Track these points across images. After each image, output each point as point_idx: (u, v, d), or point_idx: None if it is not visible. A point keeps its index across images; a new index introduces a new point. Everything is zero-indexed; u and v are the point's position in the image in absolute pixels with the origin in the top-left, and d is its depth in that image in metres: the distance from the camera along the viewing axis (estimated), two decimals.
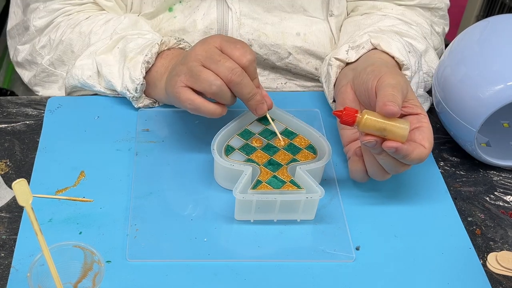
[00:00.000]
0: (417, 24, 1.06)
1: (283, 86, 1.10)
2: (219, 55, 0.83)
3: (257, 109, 0.85)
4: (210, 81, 0.82)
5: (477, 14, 2.35)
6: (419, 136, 0.80)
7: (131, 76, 0.94)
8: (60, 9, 1.05)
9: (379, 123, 0.77)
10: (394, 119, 0.77)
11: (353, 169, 0.85)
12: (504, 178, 0.93)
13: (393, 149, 0.77)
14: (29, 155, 0.91)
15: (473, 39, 0.92)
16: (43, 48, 1.06)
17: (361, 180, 0.85)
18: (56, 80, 1.06)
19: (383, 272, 0.78)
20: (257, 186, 0.81)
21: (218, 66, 0.82)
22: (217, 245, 0.80)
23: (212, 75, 0.82)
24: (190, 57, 0.84)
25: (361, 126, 0.77)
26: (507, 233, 0.85)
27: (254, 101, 0.84)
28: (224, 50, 0.83)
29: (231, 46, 0.83)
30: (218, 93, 0.83)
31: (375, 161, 0.81)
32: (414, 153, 0.78)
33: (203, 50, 0.83)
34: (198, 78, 0.83)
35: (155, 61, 0.95)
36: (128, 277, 0.76)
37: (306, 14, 1.07)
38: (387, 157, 0.79)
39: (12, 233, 0.80)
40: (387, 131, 0.76)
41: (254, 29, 1.04)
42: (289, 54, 1.07)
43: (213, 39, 0.85)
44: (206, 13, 1.03)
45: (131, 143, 0.93)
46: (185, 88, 0.84)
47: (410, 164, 0.80)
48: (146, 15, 1.06)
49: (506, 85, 0.85)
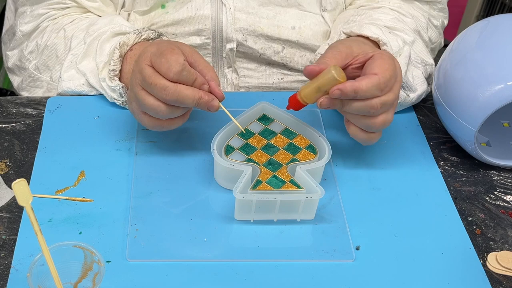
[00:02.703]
0: (413, 17, 1.06)
1: (280, 82, 1.10)
2: (150, 76, 0.81)
3: (209, 109, 0.83)
4: (155, 108, 0.82)
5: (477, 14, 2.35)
6: (368, 69, 0.82)
7: (109, 86, 0.96)
8: (45, 14, 1.05)
9: (312, 87, 0.82)
10: (321, 74, 0.81)
11: (351, 133, 0.86)
12: (504, 178, 0.93)
13: (337, 91, 0.80)
14: (29, 155, 0.91)
15: (473, 39, 0.92)
16: (31, 53, 1.06)
17: (365, 141, 0.86)
18: (41, 85, 1.06)
19: (383, 272, 0.78)
20: (257, 186, 0.81)
21: (152, 89, 0.81)
22: (217, 245, 0.80)
23: (154, 101, 0.82)
24: (132, 82, 0.85)
25: (306, 100, 0.83)
26: (507, 233, 0.85)
27: (202, 104, 0.82)
28: (154, 66, 0.82)
29: (158, 62, 0.81)
30: (168, 114, 0.83)
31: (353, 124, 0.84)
32: (363, 83, 0.80)
33: (138, 72, 0.83)
34: (145, 106, 0.83)
35: (123, 66, 0.96)
36: (128, 277, 0.76)
37: (300, 8, 1.07)
38: (349, 106, 0.81)
39: (12, 233, 0.80)
40: (322, 87, 0.81)
41: (249, 23, 1.04)
42: (284, 48, 1.07)
43: (143, 56, 0.83)
44: (199, 8, 1.03)
45: (131, 143, 0.93)
46: (144, 115, 0.85)
47: (369, 97, 0.81)
48: (138, 12, 1.06)
49: (506, 85, 0.85)
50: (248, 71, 1.08)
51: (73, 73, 0.99)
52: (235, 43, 1.04)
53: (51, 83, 1.04)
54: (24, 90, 1.08)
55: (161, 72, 0.81)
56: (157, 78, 0.80)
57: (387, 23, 1.01)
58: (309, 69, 0.82)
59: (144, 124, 0.87)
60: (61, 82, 0.99)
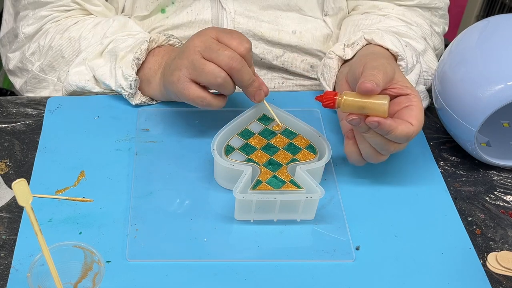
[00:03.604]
0: (418, 24, 1.06)
1: (280, 86, 1.10)
2: (217, 44, 0.84)
3: (255, 96, 0.87)
4: (215, 74, 0.83)
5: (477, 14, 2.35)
6: (406, 114, 0.81)
7: (123, 74, 0.95)
8: (48, 16, 1.05)
9: (358, 102, 0.80)
10: (373, 97, 0.80)
11: (348, 151, 0.86)
12: (504, 178, 0.93)
13: (375, 123, 0.79)
14: (29, 155, 0.91)
15: (473, 39, 0.92)
16: (33, 54, 1.06)
17: (358, 163, 0.87)
18: (47, 85, 1.06)
19: (383, 272, 0.78)
20: (257, 186, 0.81)
21: (218, 55, 0.83)
22: (217, 245, 0.80)
23: (216, 67, 0.84)
24: (189, 50, 0.85)
25: (342, 107, 0.81)
26: (507, 233, 0.85)
27: (253, 87, 0.86)
28: (221, 40, 0.85)
29: (228, 36, 0.85)
30: (223, 84, 0.85)
31: (366, 142, 0.83)
32: (399, 128, 0.79)
33: (201, 42, 0.85)
34: (202, 71, 0.84)
35: (147, 58, 0.96)
36: (128, 277, 0.76)
37: (301, 12, 1.07)
38: (374, 134, 0.81)
39: (12, 233, 0.80)
40: (366, 109, 0.80)
41: (249, 28, 1.04)
42: (284, 52, 1.07)
43: (209, 30, 0.86)
44: (199, 13, 1.03)
45: (131, 143, 0.93)
46: (191, 84, 0.86)
47: (397, 141, 0.81)
48: (138, 17, 1.06)
49: (506, 85, 0.85)
50: None
51: (82, 69, 1.00)
52: None
53: (58, 84, 1.04)
54: (29, 92, 1.08)
55: (231, 45, 0.84)
56: (224, 47, 0.84)
57: (400, 29, 1.02)
58: (368, 87, 0.79)
59: (187, 94, 0.86)
60: (67, 77, 0.99)
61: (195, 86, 0.86)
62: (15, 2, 1.08)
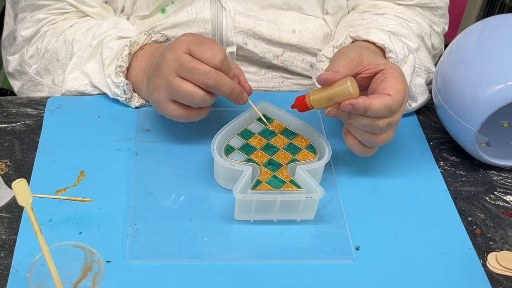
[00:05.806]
0: (417, 23, 1.06)
1: (280, 85, 1.10)
2: (190, 62, 0.82)
3: (238, 101, 0.87)
4: (192, 95, 0.83)
5: (477, 14, 2.35)
6: (382, 87, 0.82)
7: (113, 82, 0.96)
8: (45, 19, 1.05)
9: (324, 95, 0.82)
10: (335, 84, 0.81)
11: (349, 145, 0.87)
12: (504, 178, 0.93)
13: (349, 106, 0.79)
14: (29, 155, 0.91)
15: (473, 39, 0.92)
16: (31, 58, 1.06)
17: (365, 154, 0.87)
18: (42, 89, 1.06)
19: (383, 272, 0.78)
20: (257, 186, 0.81)
21: (192, 74, 0.82)
22: (217, 245, 0.80)
23: (192, 87, 0.83)
24: (163, 69, 0.84)
25: (314, 105, 0.84)
26: (507, 233, 0.85)
27: (234, 95, 0.86)
28: (193, 54, 0.83)
29: (199, 49, 0.83)
30: (202, 102, 0.84)
31: (358, 129, 0.83)
32: (374, 103, 0.79)
33: (174, 60, 0.83)
34: (180, 93, 0.83)
35: (131, 64, 0.96)
36: (128, 277, 0.76)
37: (301, 11, 1.07)
38: (357, 118, 0.81)
39: (12, 233, 0.80)
40: (334, 98, 0.81)
41: (249, 27, 1.04)
42: (284, 52, 1.07)
43: (180, 44, 0.84)
44: (199, 12, 1.03)
45: (131, 143, 0.93)
46: (171, 104, 0.86)
47: (380, 115, 0.81)
48: (138, 17, 1.06)
49: (506, 85, 0.85)
50: (248, 74, 1.08)
51: (77, 74, 1.00)
52: (235, 46, 1.04)
53: (53, 87, 1.04)
54: (25, 95, 1.08)
55: (203, 59, 0.82)
56: (198, 63, 0.82)
57: (392, 28, 1.01)
58: (324, 77, 0.81)
59: (170, 114, 0.87)
60: (65, 83, 1.00)
61: (176, 106, 0.86)
62: (14, 4, 1.08)
